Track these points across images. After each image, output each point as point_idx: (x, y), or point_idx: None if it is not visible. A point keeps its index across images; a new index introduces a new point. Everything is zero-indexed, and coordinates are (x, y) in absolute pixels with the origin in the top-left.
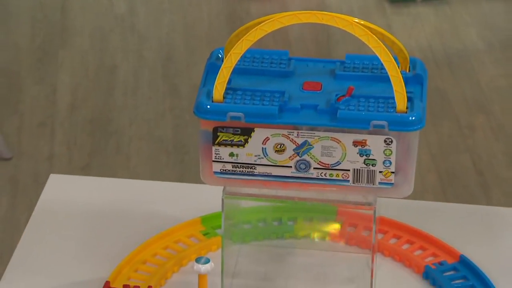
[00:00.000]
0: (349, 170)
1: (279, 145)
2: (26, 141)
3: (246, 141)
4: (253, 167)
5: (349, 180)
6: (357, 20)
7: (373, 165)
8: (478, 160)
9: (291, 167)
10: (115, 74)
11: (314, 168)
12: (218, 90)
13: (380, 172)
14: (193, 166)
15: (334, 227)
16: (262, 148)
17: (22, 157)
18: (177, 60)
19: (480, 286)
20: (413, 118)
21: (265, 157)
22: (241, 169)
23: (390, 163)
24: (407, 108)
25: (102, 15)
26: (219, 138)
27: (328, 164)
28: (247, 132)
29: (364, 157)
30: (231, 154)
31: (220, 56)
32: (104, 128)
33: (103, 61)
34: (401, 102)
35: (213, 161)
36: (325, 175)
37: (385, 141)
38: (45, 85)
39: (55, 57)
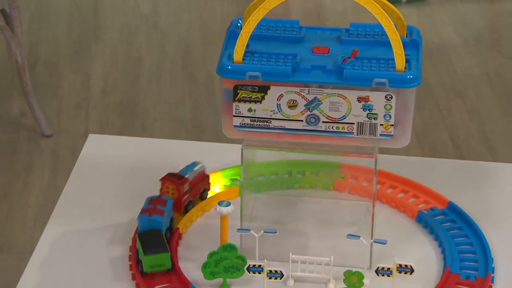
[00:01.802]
0: (353, 123)
1: (292, 101)
2: (64, 121)
3: (263, 97)
4: (269, 121)
5: (353, 132)
6: None
7: (375, 118)
8: (456, 137)
9: (302, 121)
10: (140, 65)
11: (322, 121)
12: (238, 52)
13: (381, 125)
14: (209, 141)
15: (338, 179)
16: (277, 104)
17: (61, 134)
18: (195, 52)
19: (466, 228)
20: (411, 76)
21: (279, 112)
22: (258, 123)
23: (390, 116)
24: (405, 68)
25: (129, 14)
26: (239, 95)
27: (335, 118)
28: (263, 89)
29: (367, 111)
30: (250, 110)
31: (239, 24)
32: (132, 110)
33: (130, 53)
34: (400, 62)
35: (234, 116)
36: (332, 128)
37: (385, 97)
38: (81, 74)
39: (89, 50)
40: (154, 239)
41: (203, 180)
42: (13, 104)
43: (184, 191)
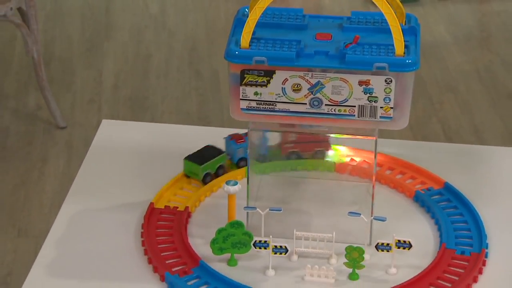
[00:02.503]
0: (355, 106)
1: (296, 85)
2: (78, 114)
3: (268, 81)
4: (274, 104)
5: (354, 115)
6: None
7: (375, 101)
8: (448, 129)
9: (306, 104)
10: (149, 62)
11: (325, 104)
12: (245, 38)
13: (381, 107)
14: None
15: (339, 161)
16: (282, 87)
17: (75, 126)
18: (200, 50)
19: (461, 207)
20: (410, 61)
21: (284, 95)
22: (264, 106)
23: (390, 99)
24: (404, 53)
25: (139, 14)
26: (245, 79)
27: (337, 101)
28: (269, 74)
29: (368, 94)
30: (256, 93)
31: (245, 13)
32: (141, 104)
33: (140, 51)
34: (399, 48)
35: (241, 99)
36: (334, 110)
37: (385, 80)
38: (93, 70)
39: (101, 47)
40: (207, 154)
41: (320, 142)
42: (29, 98)
43: (288, 139)
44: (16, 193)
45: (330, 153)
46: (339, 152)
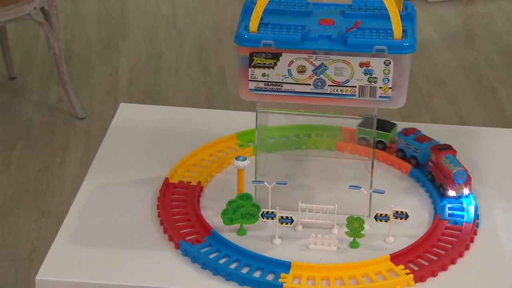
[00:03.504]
0: (356, 86)
1: (301, 67)
2: (96, 106)
3: (275, 63)
4: (280, 85)
5: (355, 95)
6: None
7: (375, 82)
8: (436, 119)
9: (310, 84)
10: (161, 59)
11: (328, 85)
12: (254, 23)
13: (380, 87)
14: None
15: (340, 140)
16: (288, 69)
17: (93, 117)
18: (208, 48)
19: None
20: (407, 43)
21: (290, 76)
22: (271, 86)
23: (388, 80)
24: (402, 36)
25: (151, 16)
26: (254, 62)
27: (339, 82)
28: (276, 56)
29: (368, 75)
30: (263, 75)
31: (254, 0)
32: (154, 97)
33: (152, 49)
34: (397, 31)
35: (249, 80)
36: (337, 90)
37: (384, 62)
38: (109, 66)
39: (117, 46)
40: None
41: (447, 177)
42: (51, 91)
43: (432, 158)
44: (39, 177)
45: (450, 193)
46: (339, 132)
